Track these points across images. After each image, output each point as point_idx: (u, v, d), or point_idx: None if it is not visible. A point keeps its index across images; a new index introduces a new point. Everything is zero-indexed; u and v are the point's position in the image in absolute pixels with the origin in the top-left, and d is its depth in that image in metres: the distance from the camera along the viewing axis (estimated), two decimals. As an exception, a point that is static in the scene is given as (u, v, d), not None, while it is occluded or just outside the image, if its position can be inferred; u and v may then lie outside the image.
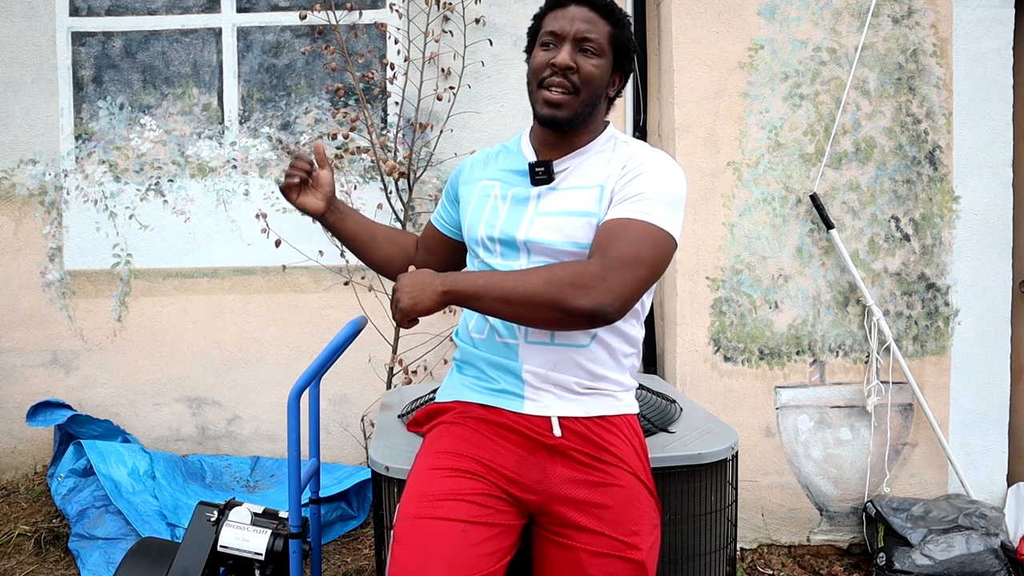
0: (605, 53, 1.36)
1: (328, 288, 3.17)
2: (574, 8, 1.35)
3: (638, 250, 1.22)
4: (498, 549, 1.28)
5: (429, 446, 1.40)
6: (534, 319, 1.22)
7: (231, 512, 1.90)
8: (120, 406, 3.21)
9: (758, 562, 2.70)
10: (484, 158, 1.51)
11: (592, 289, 1.18)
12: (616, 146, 1.40)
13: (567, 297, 1.18)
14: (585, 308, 1.18)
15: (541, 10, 1.42)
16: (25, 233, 3.19)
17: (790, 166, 2.73)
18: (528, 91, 1.41)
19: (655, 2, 2.96)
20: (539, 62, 1.36)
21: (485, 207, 1.41)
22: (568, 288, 1.18)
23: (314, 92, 3.14)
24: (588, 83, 1.34)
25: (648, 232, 1.25)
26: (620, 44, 1.37)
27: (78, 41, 3.15)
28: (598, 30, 1.34)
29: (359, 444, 3.17)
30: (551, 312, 1.19)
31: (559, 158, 1.39)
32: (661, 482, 1.62)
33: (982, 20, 2.69)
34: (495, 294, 1.21)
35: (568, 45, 1.33)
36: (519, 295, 1.19)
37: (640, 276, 1.22)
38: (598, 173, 1.35)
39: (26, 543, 2.72)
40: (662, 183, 1.30)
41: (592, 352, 1.35)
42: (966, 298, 2.74)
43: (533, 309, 1.19)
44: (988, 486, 2.75)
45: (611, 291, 1.19)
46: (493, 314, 1.23)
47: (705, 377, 2.75)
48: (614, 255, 1.22)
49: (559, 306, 1.18)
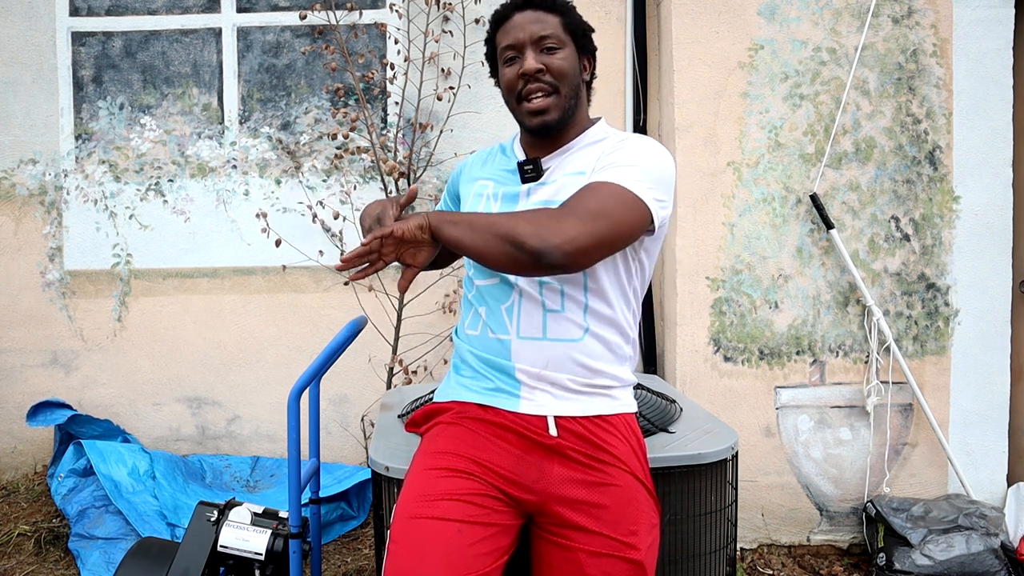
0: (565, 43, 1.38)
1: (328, 288, 3.17)
2: (518, 16, 1.38)
3: (601, 205, 1.22)
4: (495, 549, 1.28)
5: (426, 446, 1.40)
6: (489, 251, 1.20)
7: (231, 512, 1.90)
8: (120, 406, 3.21)
9: (758, 562, 2.70)
10: (482, 158, 1.54)
11: (545, 229, 1.18)
12: (606, 139, 1.42)
13: (519, 232, 1.18)
14: (533, 247, 1.17)
15: (489, 33, 1.45)
16: (25, 233, 3.19)
17: (790, 166, 2.73)
18: (510, 110, 1.43)
19: (655, 2, 2.96)
20: (509, 78, 1.39)
21: (479, 206, 1.44)
22: (523, 223, 1.19)
23: (314, 92, 3.14)
24: (562, 77, 1.37)
25: (616, 191, 1.25)
26: (575, 29, 1.40)
27: (78, 41, 3.16)
28: (549, 25, 1.37)
29: (359, 444, 3.17)
30: (503, 244, 1.19)
31: (547, 155, 1.42)
32: (661, 482, 1.62)
33: (982, 20, 2.69)
34: (466, 221, 1.22)
35: (529, 50, 1.36)
36: (482, 223, 1.21)
37: (598, 228, 1.21)
38: (583, 163, 1.37)
39: (26, 543, 2.72)
40: (639, 156, 1.31)
41: (586, 346, 1.35)
42: (966, 298, 2.74)
43: (491, 239, 1.19)
44: (988, 486, 2.75)
45: (563, 233, 1.18)
46: (455, 239, 1.22)
47: (705, 377, 2.75)
48: (577, 205, 1.23)
49: (511, 239, 1.18)
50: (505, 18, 1.40)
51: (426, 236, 1.22)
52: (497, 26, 1.42)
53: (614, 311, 1.36)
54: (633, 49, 3.02)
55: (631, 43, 3.02)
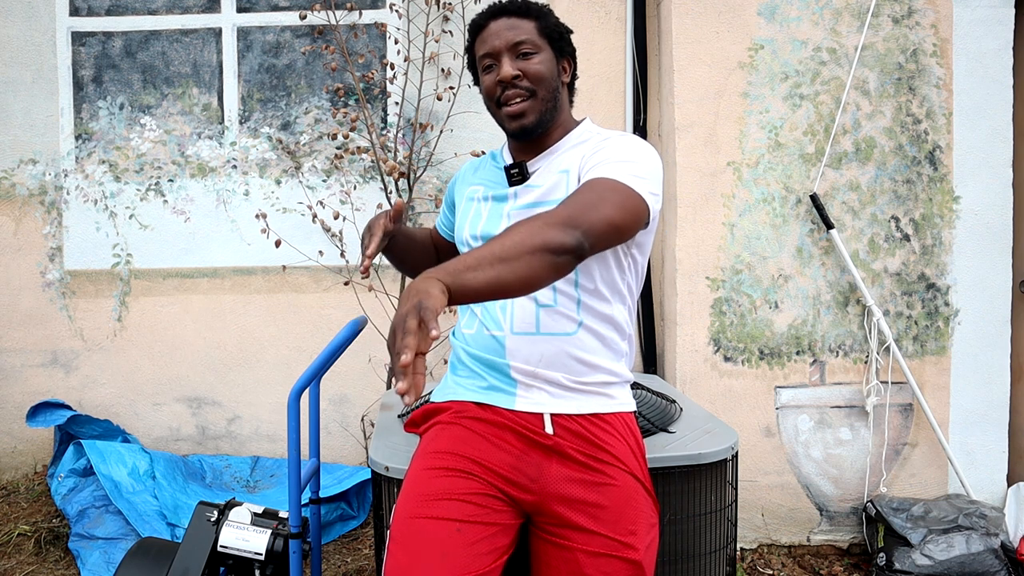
0: (542, 47, 1.40)
1: (328, 288, 3.17)
2: (493, 24, 1.40)
3: (602, 198, 1.22)
4: (494, 548, 1.28)
5: (425, 446, 1.40)
6: (528, 270, 1.12)
7: (231, 512, 1.90)
8: (120, 406, 3.21)
9: (758, 562, 2.70)
10: (475, 166, 1.57)
11: (570, 221, 1.16)
12: (590, 138, 1.43)
13: (551, 238, 1.14)
14: (571, 243, 1.14)
15: (467, 42, 1.48)
16: (25, 233, 3.19)
17: (790, 166, 2.73)
18: (492, 115, 1.45)
19: (655, 2, 2.96)
20: (488, 85, 1.41)
21: (470, 210, 1.47)
22: (548, 230, 1.15)
23: (314, 92, 3.14)
24: (539, 81, 1.38)
25: (614, 186, 1.24)
26: (551, 32, 1.41)
27: (78, 41, 3.16)
28: (524, 30, 1.38)
29: (359, 444, 3.17)
30: (542, 256, 1.13)
31: (534, 158, 1.44)
32: (661, 482, 1.62)
33: (982, 20, 2.69)
34: (488, 258, 1.10)
35: (505, 57, 1.38)
36: (508, 250, 1.11)
37: (605, 213, 1.20)
38: (568, 163, 1.39)
39: (26, 543, 2.72)
40: (627, 152, 1.31)
41: (580, 340, 1.35)
42: (966, 298, 2.74)
43: (527, 259, 1.11)
44: (988, 486, 2.75)
45: (582, 223, 1.17)
46: (492, 282, 1.10)
47: (705, 377, 2.75)
48: (577, 198, 1.22)
49: (547, 247, 1.13)
50: (481, 27, 1.42)
51: (445, 298, 1.05)
52: (475, 35, 1.44)
53: (608, 306, 1.37)
54: (633, 49, 3.02)
55: (631, 43, 3.02)
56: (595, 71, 3.07)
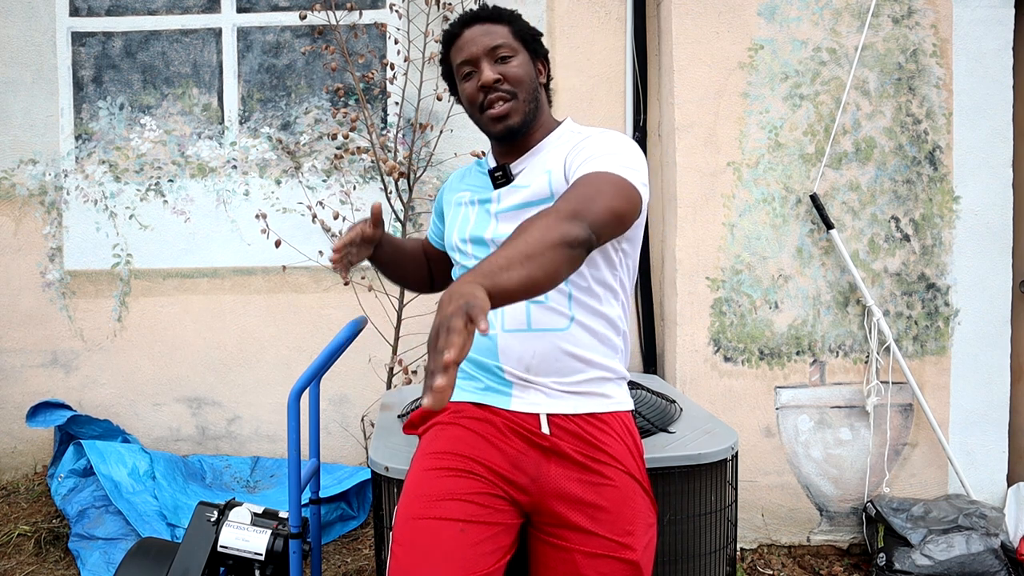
0: (518, 50, 1.42)
1: (328, 288, 3.17)
2: (468, 31, 1.42)
3: (599, 190, 1.23)
4: (497, 548, 1.28)
5: (425, 447, 1.40)
6: (553, 265, 1.11)
7: (231, 512, 1.90)
8: (120, 406, 3.21)
9: (758, 562, 2.70)
10: (461, 174, 1.60)
11: (579, 214, 1.16)
12: (570, 137, 1.44)
13: (567, 231, 1.13)
14: (583, 236, 1.14)
15: (442, 52, 1.50)
16: (25, 233, 3.19)
17: (790, 166, 2.73)
18: (474, 122, 1.47)
19: (655, 2, 2.96)
20: (469, 92, 1.43)
21: (459, 215, 1.49)
22: (561, 224, 1.14)
23: (314, 92, 3.14)
24: (519, 83, 1.40)
25: (608, 178, 1.25)
26: (524, 35, 1.44)
27: (78, 41, 3.16)
28: (500, 35, 1.41)
29: (359, 444, 3.17)
30: (562, 251, 1.11)
31: (517, 160, 1.46)
32: (661, 482, 1.62)
33: (982, 20, 2.69)
34: (517, 257, 1.08)
35: (484, 62, 1.40)
36: (532, 247, 1.10)
37: (606, 203, 1.20)
38: (551, 162, 1.40)
39: (26, 543, 2.72)
40: (612, 146, 1.32)
41: (572, 335, 1.35)
42: (966, 298, 2.74)
43: (551, 254, 1.10)
44: (988, 486, 2.75)
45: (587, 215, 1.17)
46: (526, 280, 1.08)
47: (705, 377, 2.75)
48: (576, 193, 1.22)
49: (565, 241, 1.12)
50: (456, 35, 1.44)
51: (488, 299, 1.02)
52: (449, 44, 1.46)
53: (600, 301, 1.37)
54: (633, 49, 3.02)
55: (631, 43, 3.02)
56: (595, 71, 3.07)
